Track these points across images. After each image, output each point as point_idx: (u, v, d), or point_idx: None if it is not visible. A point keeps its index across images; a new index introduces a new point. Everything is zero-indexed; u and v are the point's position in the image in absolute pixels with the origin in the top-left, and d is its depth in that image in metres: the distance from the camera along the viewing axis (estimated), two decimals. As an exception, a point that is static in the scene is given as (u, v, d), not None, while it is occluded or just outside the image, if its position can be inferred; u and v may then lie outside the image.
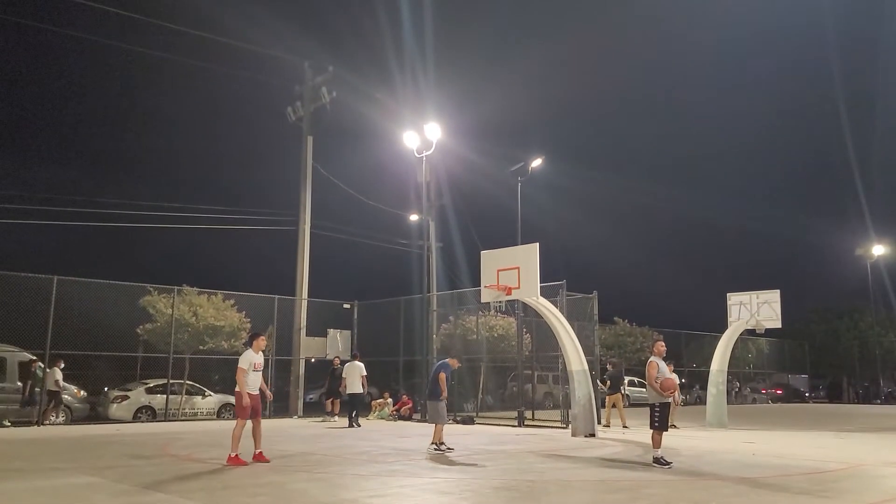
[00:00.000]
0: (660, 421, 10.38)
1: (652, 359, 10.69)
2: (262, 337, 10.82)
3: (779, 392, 42.51)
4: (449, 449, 12.11)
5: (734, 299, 21.08)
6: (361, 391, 18.81)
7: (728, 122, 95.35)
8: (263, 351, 10.85)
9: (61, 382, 17.96)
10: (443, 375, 12.58)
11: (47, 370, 17.74)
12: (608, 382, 19.35)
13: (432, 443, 12.27)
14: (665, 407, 10.51)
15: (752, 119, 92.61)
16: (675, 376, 11.34)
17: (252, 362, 10.33)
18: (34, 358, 17.89)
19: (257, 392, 10.47)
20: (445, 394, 12.64)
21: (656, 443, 10.38)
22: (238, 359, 10.48)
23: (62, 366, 18.05)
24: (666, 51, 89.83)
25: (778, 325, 20.42)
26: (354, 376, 18.73)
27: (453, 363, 13.16)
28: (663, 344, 11.20)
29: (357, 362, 19.05)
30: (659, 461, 10.21)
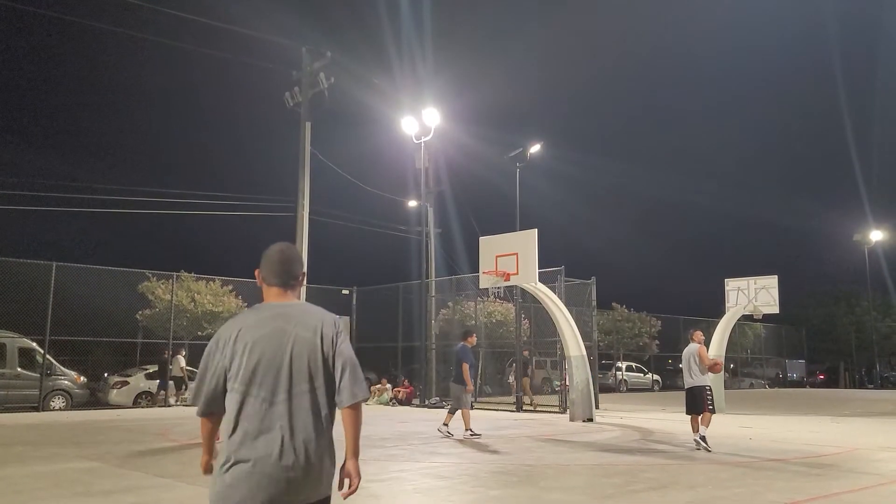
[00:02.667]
0: (712, 403, 10.74)
1: (700, 345, 11.08)
2: None
3: (821, 377, 43.29)
4: (474, 434, 12.11)
5: (732, 285, 21.11)
6: None
7: (727, 110, 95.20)
8: None
9: (185, 368, 19.55)
10: (466, 366, 12.49)
11: (176, 357, 19.56)
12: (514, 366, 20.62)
13: (467, 429, 12.18)
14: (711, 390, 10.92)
15: (751, 106, 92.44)
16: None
17: None
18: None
19: None
20: (471, 387, 12.62)
21: (708, 422, 10.61)
22: None
23: (184, 353, 19.64)
24: (666, 37, 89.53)
25: (776, 310, 20.46)
26: None
27: (471, 341, 13.13)
28: (701, 332, 11.65)
29: None
30: (703, 441, 10.43)
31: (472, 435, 12.04)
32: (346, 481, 2.81)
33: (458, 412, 12.41)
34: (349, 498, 2.86)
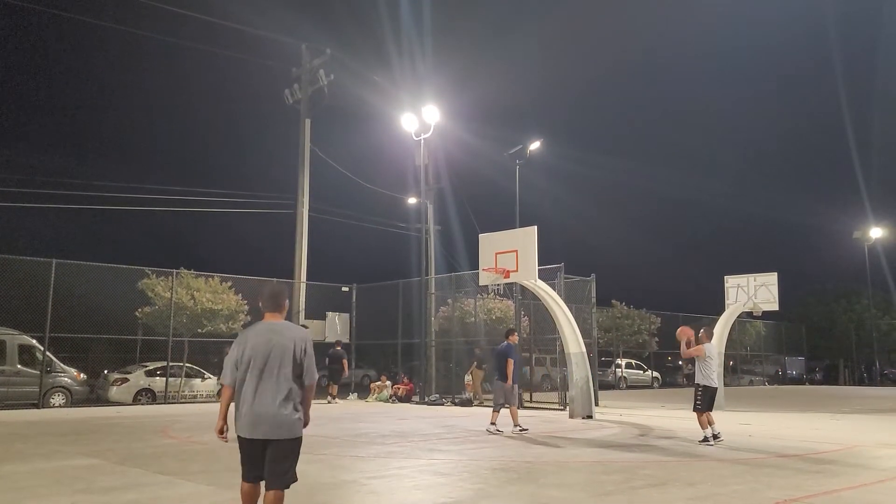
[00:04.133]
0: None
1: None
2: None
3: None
4: (523, 430, 12.39)
5: (731, 282, 21.08)
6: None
7: (727, 107, 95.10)
8: None
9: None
10: (510, 361, 12.73)
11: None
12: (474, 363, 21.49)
13: (515, 425, 12.53)
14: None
15: (751, 104, 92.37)
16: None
17: None
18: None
19: None
20: (510, 382, 12.78)
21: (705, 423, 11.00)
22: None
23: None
24: (667, 36, 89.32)
25: (775, 307, 20.44)
26: None
27: (513, 340, 13.31)
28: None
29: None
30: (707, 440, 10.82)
31: (521, 430, 12.34)
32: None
33: (503, 409, 12.71)
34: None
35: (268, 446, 4.55)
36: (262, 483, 4.65)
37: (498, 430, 12.33)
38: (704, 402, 10.96)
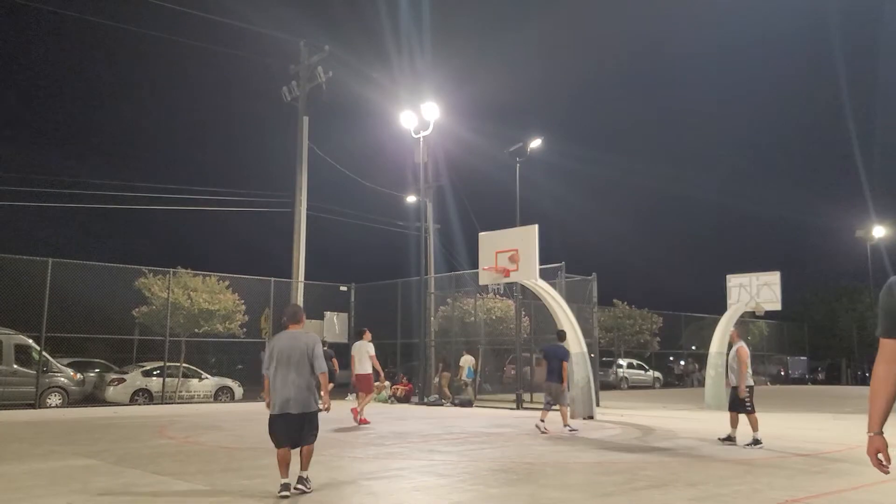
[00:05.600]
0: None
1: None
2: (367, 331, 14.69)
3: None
4: (573, 430, 12.41)
5: (734, 281, 21.01)
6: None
7: (729, 105, 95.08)
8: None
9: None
10: (565, 364, 12.82)
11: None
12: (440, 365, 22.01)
13: (564, 425, 12.58)
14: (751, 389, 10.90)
15: (753, 101, 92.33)
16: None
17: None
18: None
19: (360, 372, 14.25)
20: (566, 384, 12.91)
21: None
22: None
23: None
24: (667, 32, 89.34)
25: (778, 307, 20.37)
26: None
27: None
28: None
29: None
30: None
31: (570, 430, 12.36)
32: (325, 405, 6.90)
33: (551, 408, 12.81)
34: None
35: (293, 419, 6.52)
36: (292, 449, 6.60)
37: (545, 429, 12.37)
38: (752, 401, 10.78)
